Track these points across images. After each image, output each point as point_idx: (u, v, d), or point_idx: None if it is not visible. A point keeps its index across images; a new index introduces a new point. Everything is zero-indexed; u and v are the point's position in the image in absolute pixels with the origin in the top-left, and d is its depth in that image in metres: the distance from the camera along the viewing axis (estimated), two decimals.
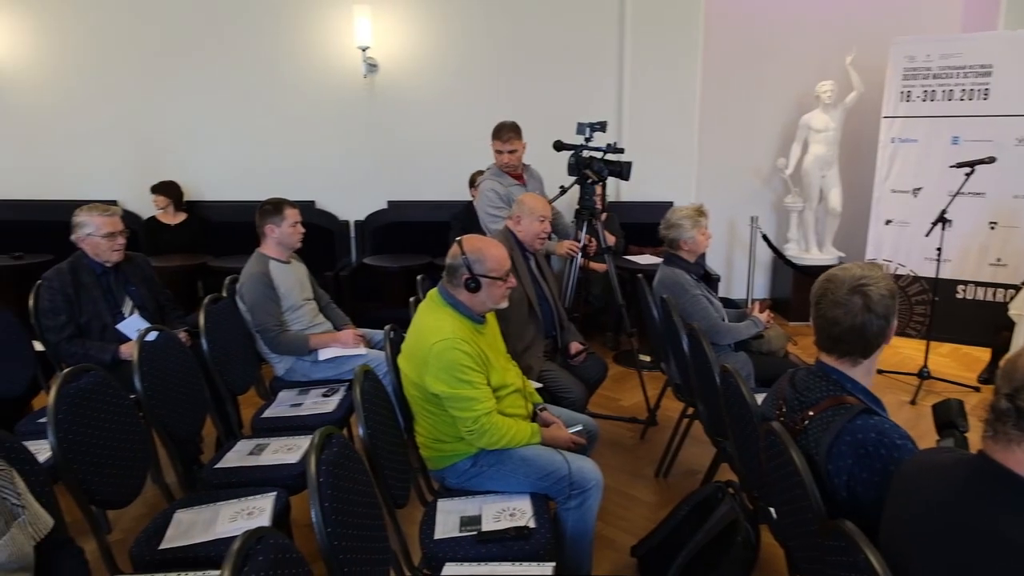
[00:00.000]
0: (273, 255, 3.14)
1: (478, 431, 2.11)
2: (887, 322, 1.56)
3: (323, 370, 3.11)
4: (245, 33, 5.21)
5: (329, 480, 1.48)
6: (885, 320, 1.56)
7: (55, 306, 2.86)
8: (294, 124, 5.36)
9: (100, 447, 1.94)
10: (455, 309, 2.21)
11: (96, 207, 2.97)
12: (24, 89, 5.26)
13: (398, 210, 5.47)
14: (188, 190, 5.25)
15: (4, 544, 1.28)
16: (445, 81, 5.33)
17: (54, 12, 5.15)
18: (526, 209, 3.07)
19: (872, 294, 1.54)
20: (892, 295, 1.56)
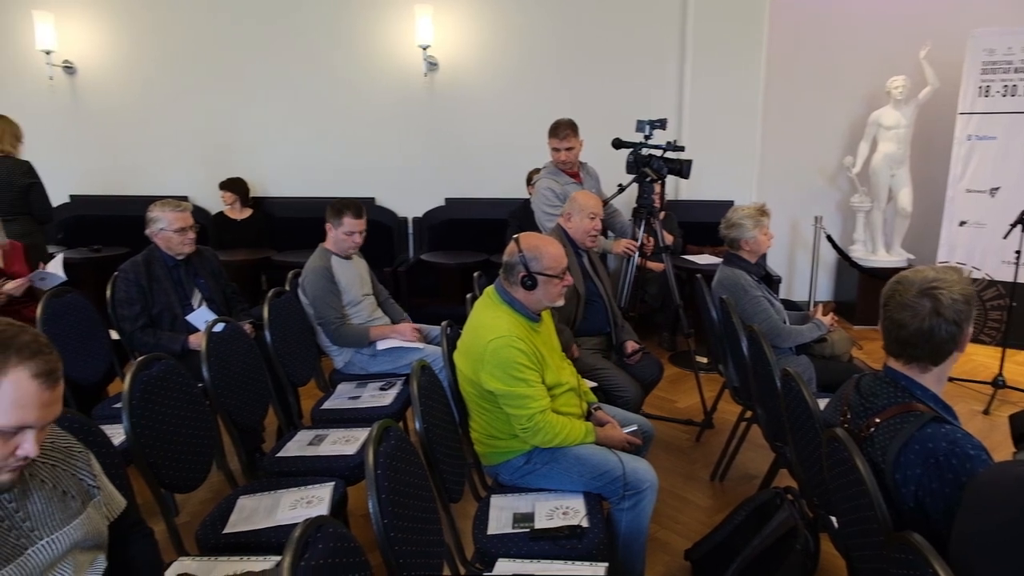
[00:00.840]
0: (335, 250, 3.21)
1: (532, 429, 2.11)
2: (959, 328, 1.49)
3: (381, 364, 3.17)
4: (310, 34, 5.33)
5: (386, 472, 1.51)
6: (956, 326, 1.48)
7: (130, 297, 2.98)
8: (356, 122, 5.46)
9: (170, 433, 2.02)
10: (511, 307, 2.22)
11: (168, 203, 3.09)
12: (105, 92, 5.52)
13: (455, 207, 5.52)
14: (254, 187, 5.41)
15: (80, 523, 1.34)
16: (503, 79, 5.35)
17: (133, 20, 5.39)
18: (577, 206, 3.06)
19: (943, 298, 1.47)
20: (967, 300, 1.49)
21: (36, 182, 4.01)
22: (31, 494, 1.28)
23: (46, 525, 1.28)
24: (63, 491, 1.34)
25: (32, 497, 1.28)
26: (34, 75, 5.40)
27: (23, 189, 3.93)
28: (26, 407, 1.16)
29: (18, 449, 1.18)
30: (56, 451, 1.37)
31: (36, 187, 4.00)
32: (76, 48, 5.42)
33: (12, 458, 1.18)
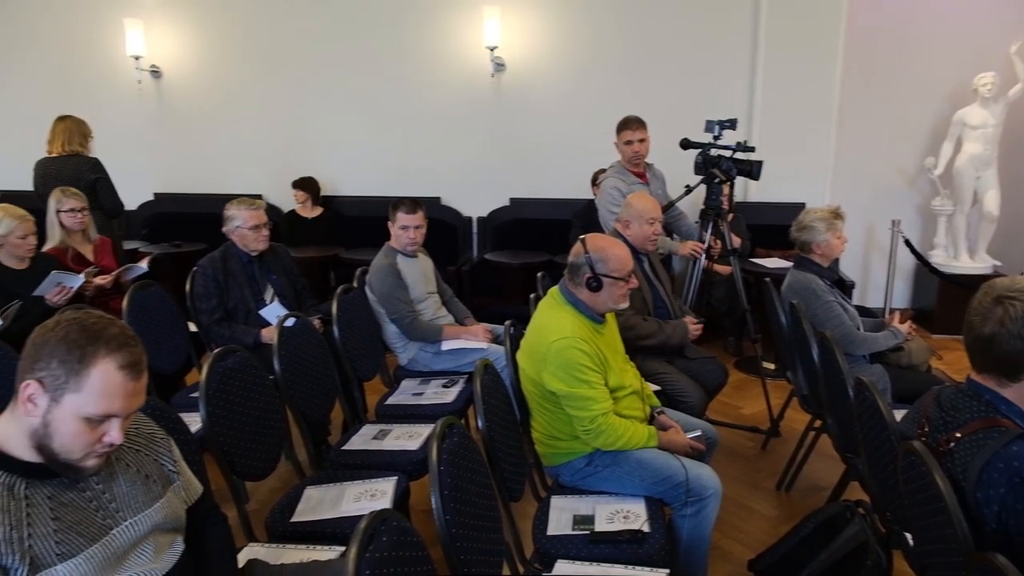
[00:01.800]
0: (399, 248, 3.27)
1: (594, 431, 2.10)
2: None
3: (444, 361, 3.21)
4: (380, 37, 5.44)
5: (449, 469, 1.53)
6: (1021, 340, 1.41)
7: (207, 291, 3.11)
8: (423, 123, 5.55)
9: (243, 422, 2.10)
10: (575, 308, 2.22)
11: (244, 201, 3.20)
12: (187, 95, 5.77)
13: (520, 207, 5.53)
14: (325, 186, 5.56)
15: (161, 506, 1.41)
16: (569, 80, 5.34)
17: (215, 27, 5.62)
18: (634, 213, 2.98)
19: (1011, 309, 1.40)
20: None
21: (103, 177, 4.17)
22: (117, 477, 1.35)
23: (130, 507, 1.35)
24: (146, 475, 1.40)
25: (118, 480, 1.35)
26: (124, 79, 5.70)
27: (91, 184, 4.07)
28: (113, 397, 1.22)
29: (105, 436, 1.24)
30: (140, 437, 1.44)
31: (102, 182, 4.16)
32: (162, 53, 5.69)
33: (99, 444, 1.24)
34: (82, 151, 4.19)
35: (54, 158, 4.17)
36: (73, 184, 3.94)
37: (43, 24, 5.82)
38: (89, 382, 1.20)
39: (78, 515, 1.26)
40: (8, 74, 5.94)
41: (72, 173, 4.07)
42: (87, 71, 5.81)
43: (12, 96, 5.99)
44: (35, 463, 1.23)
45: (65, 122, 4.20)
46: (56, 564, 1.20)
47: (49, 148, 4.20)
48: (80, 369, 1.19)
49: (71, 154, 4.15)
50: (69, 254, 3.37)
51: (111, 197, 4.20)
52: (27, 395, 1.20)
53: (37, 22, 5.82)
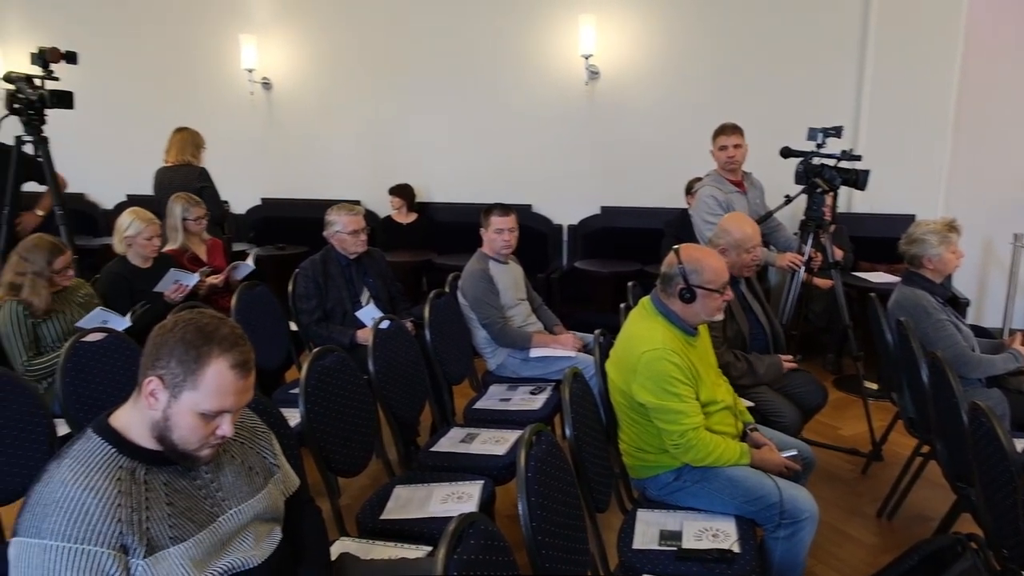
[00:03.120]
0: (492, 255, 3.32)
1: (684, 446, 2.06)
2: None
3: (532, 368, 3.22)
4: (476, 47, 5.54)
5: (536, 476, 1.54)
6: None
7: (308, 292, 3.25)
8: (516, 130, 5.60)
9: (338, 420, 2.18)
10: (667, 319, 2.18)
11: (344, 207, 3.33)
12: (295, 105, 6.07)
13: (611, 216, 5.50)
14: (420, 192, 5.71)
15: (262, 497, 1.48)
16: (664, 87, 5.27)
17: (318, 39, 5.89)
18: (732, 241, 2.76)
19: None
20: None
21: (208, 186, 4.41)
22: (224, 468, 1.43)
23: (235, 496, 1.42)
24: (249, 467, 1.48)
25: (224, 471, 1.43)
26: (238, 91, 6.05)
27: (197, 193, 4.24)
28: (225, 394, 1.29)
29: (217, 430, 1.32)
30: (244, 430, 1.52)
31: (208, 190, 4.38)
32: (273, 67, 6.01)
33: (212, 437, 1.32)
34: (193, 161, 4.48)
35: (168, 167, 4.48)
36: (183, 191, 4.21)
37: (167, 39, 6.26)
38: (204, 380, 1.27)
39: (189, 502, 1.34)
40: (134, 86, 6.42)
41: (182, 182, 4.35)
42: (205, 83, 6.22)
43: (138, 107, 6.47)
44: (154, 451, 1.31)
45: (181, 133, 4.50)
46: (169, 547, 1.28)
47: (166, 157, 4.51)
48: (196, 368, 1.27)
49: (183, 163, 4.44)
50: (186, 255, 3.61)
51: (216, 204, 4.46)
52: (149, 390, 1.28)
53: (161, 38, 6.27)
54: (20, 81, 3.57)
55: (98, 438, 1.30)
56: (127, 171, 6.63)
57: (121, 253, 3.31)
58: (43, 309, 2.81)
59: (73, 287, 3.01)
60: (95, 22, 6.37)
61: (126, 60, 6.32)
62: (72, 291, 2.99)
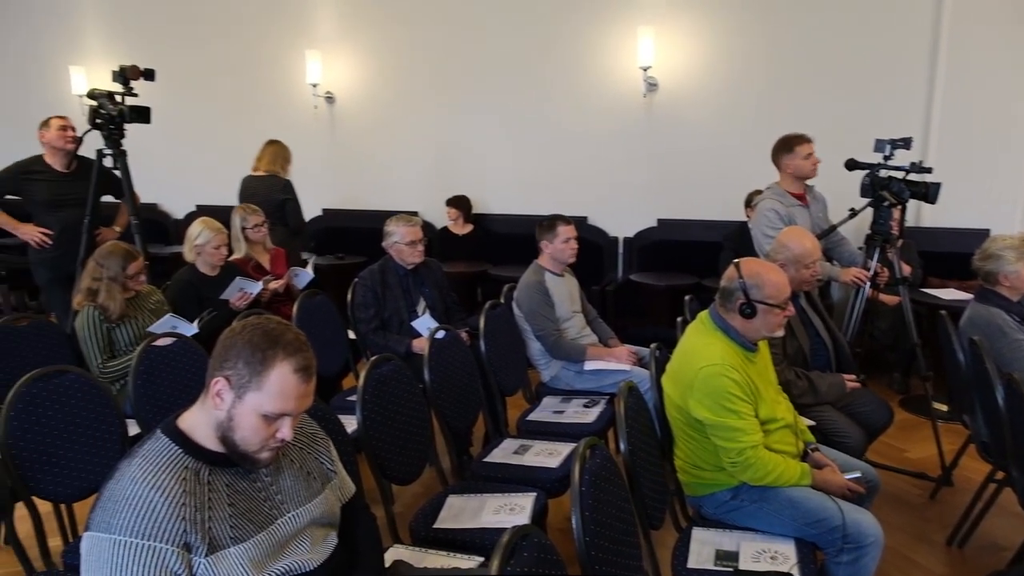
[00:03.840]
0: (548, 267, 3.32)
1: (742, 464, 2.01)
2: None
3: (586, 381, 3.21)
4: (533, 59, 5.58)
5: (590, 490, 1.53)
6: None
7: (366, 301, 3.31)
8: (573, 142, 5.61)
9: (394, 427, 2.21)
10: (726, 334, 2.14)
11: (402, 218, 3.39)
12: (356, 119, 6.23)
13: (667, 228, 5.44)
14: (476, 204, 5.76)
15: (319, 501, 1.51)
16: (724, 99, 5.20)
17: (380, 54, 6.02)
18: (791, 257, 2.66)
19: None
20: None
21: (291, 198, 4.60)
22: (283, 472, 1.46)
23: (293, 500, 1.45)
24: (307, 472, 1.51)
25: (284, 474, 1.46)
26: (302, 104, 6.24)
27: (280, 204, 4.52)
28: (287, 397, 1.33)
29: (278, 432, 1.35)
30: (303, 436, 1.56)
31: (291, 202, 4.59)
32: (336, 81, 6.18)
33: (273, 440, 1.35)
34: (280, 173, 4.67)
35: (255, 176, 4.68)
36: (265, 201, 4.39)
37: (236, 56, 6.51)
38: (268, 382, 1.31)
39: (250, 503, 1.38)
40: (204, 101, 6.69)
41: (266, 191, 4.54)
42: (271, 98, 6.43)
43: (207, 121, 6.74)
44: (217, 452, 1.36)
45: (272, 146, 4.70)
46: (230, 547, 1.31)
47: (255, 166, 4.71)
48: (261, 370, 1.31)
49: (270, 174, 4.63)
50: (250, 264, 3.72)
51: (296, 217, 4.64)
52: (216, 390, 1.33)
53: (231, 54, 6.52)
54: (102, 97, 3.77)
55: (166, 439, 1.35)
56: (197, 183, 6.91)
57: (191, 261, 3.45)
58: (117, 314, 2.94)
59: (145, 293, 3.14)
60: (169, 41, 6.68)
61: (196, 76, 6.60)
62: (144, 297, 3.13)
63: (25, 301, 6.48)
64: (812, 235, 2.84)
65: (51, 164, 3.98)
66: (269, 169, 4.64)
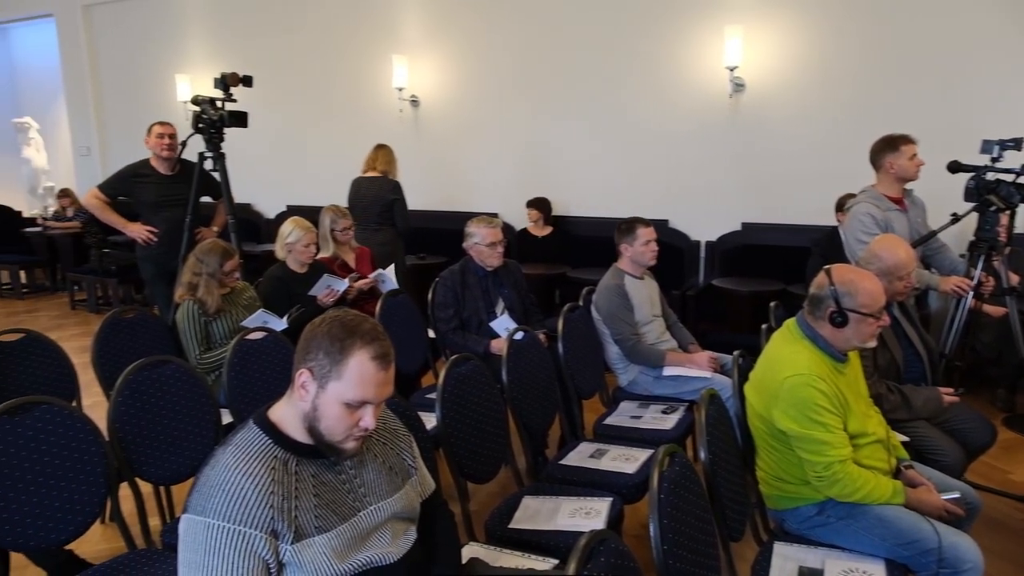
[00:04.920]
0: (628, 270, 3.29)
1: (829, 479, 1.93)
2: None
3: (665, 386, 3.16)
4: (617, 59, 5.53)
5: (669, 497, 1.50)
6: None
7: (446, 301, 3.37)
8: (655, 144, 5.53)
9: (472, 426, 2.24)
10: (814, 343, 2.06)
11: (483, 219, 3.43)
12: (439, 121, 6.35)
13: (752, 232, 5.28)
14: (556, 206, 5.77)
15: (400, 496, 1.55)
16: (814, 98, 5.00)
17: (464, 58, 6.13)
18: (884, 268, 2.49)
19: None
20: None
21: (399, 198, 4.79)
22: (366, 465, 1.50)
23: (375, 493, 1.49)
24: (390, 467, 1.55)
25: (367, 467, 1.50)
26: (388, 107, 6.42)
27: (389, 203, 4.73)
28: (366, 384, 1.36)
29: (360, 421, 1.39)
30: (387, 431, 1.60)
31: (399, 202, 4.78)
32: (421, 85, 6.32)
33: (356, 429, 1.39)
34: (389, 174, 4.86)
35: (367, 177, 4.88)
36: (376, 201, 4.59)
37: (325, 62, 6.76)
38: (348, 370, 1.35)
39: (334, 495, 1.43)
40: (294, 106, 6.98)
41: (376, 191, 4.75)
42: (358, 102, 6.65)
43: (296, 125, 7.02)
44: (305, 443, 1.41)
45: (382, 149, 4.92)
46: (314, 536, 1.36)
47: (365, 168, 4.92)
48: (341, 359, 1.35)
49: (382, 175, 4.83)
50: (337, 262, 3.85)
51: (403, 217, 4.82)
52: (300, 382, 1.38)
53: (320, 60, 6.79)
54: (205, 103, 3.99)
55: (257, 429, 1.41)
56: (287, 183, 7.21)
57: (282, 259, 3.59)
58: (214, 308, 3.09)
59: (239, 289, 3.30)
60: (264, 49, 7.01)
61: (287, 81, 6.90)
62: (238, 293, 3.28)
63: (132, 294, 6.93)
64: (907, 244, 2.69)
65: (156, 167, 4.24)
66: (382, 170, 4.84)
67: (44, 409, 1.93)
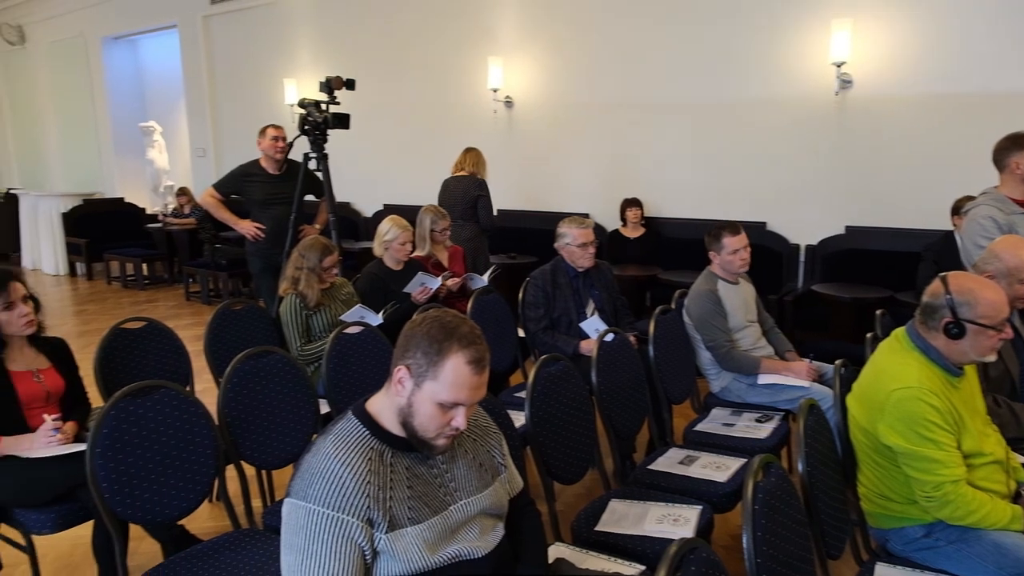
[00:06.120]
0: (721, 275, 3.20)
1: (939, 500, 1.82)
2: None
3: (759, 395, 3.05)
4: (714, 57, 5.39)
5: (764, 509, 1.45)
6: None
7: (536, 301, 3.38)
8: (753, 144, 5.36)
9: (560, 427, 2.24)
10: (925, 355, 1.94)
11: (575, 220, 3.42)
12: (532, 122, 6.39)
13: (857, 236, 5.03)
14: (648, 207, 5.68)
15: (490, 493, 1.57)
16: (929, 95, 4.70)
17: (558, 60, 6.15)
18: (1003, 269, 2.36)
19: None
20: None
21: (484, 195, 4.93)
22: (457, 460, 1.53)
23: (465, 489, 1.52)
24: (480, 463, 1.58)
25: (458, 463, 1.53)
26: (483, 108, 6.52)
27: (473, 200, 4.86)
28: (460, 387, 1.39)
29: (452, 421, 1.42)
30: (478, 428, 1.63)
31: (483, 200, 4.92)
32: (515, 86, 6.38)
33: (447, 428, 1.42)
34: (477, 174, 5.02)
35: (456, 177, 5.06)
36: (462, 198, 4.72)
37: (423, 65, 6.93)
38: (443, 372, 1.38)
39: (426, 488, 1.46)
40: (391, 108, 7.18)
41: (463, 190, 4.91)
42: (454, 104, 6.78)
43: (394, 124, 7.23)
44: (400, 436, 1.45)
45: (472, 152, 5.12)
46: (407, 526, 1.40)
47: (454, 170, 5.11)
48: (437, 361, 1.38)
49: (470, 175, 5.00)
50: (431, 261, 3.94)
51: (488, 214, 4.96)
52: (398, 378, 1.43)
53: (418, 64, 6.95)
54: (310, 106, 4.18)
55: (356, 420, 1.47)
56: (384, 183, 7.44)
57: (379, 256, 3.71)
58: (314, 302, 3.23)
59: (338, 285, 3.43)
60: (362, 52, 7.27)
61: (385, 84, 7.12)
62: (337, 288, 3.41)
63: (240, 287, 7.33)
64: None
65: (265, 167, 4.47)
66: (470, 171, 5.00)
67: (163, 392, 2.07)
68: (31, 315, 2.35)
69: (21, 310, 2.31)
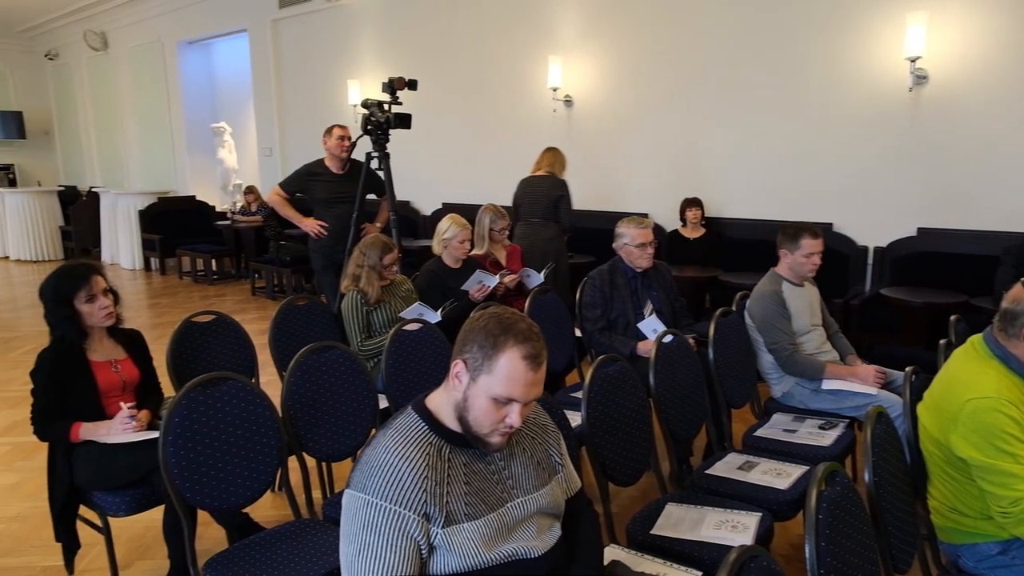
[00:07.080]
0: (787, 276, 3.12)
1: (1016, 516, 1.73)
2: None
3: (823, 401, 2.97)
4: (780, 53, 5.25)
5: (827, 519, 1.41)
6: None
7: (594, 301, 3.36)
8: (819, 143, 5.20)
9: (617, 428, 2.23)
10: (1004, 363, 1.85)
11: (633, 220, 3.38)
12: (589, 119, 6.35)
13: (929, 238, 4.83)
14: (709, 207, 5.58)
15: (546, 491, 1.57)
16: (1009, 92, 4.46)
17: (617, 57, 6.08)
18: None
19: None
20: None
21: (564, 195, 4.96)
22: (515, 458, 1.54)
23: (522, 486, 1.53)
24: (537, 461, 1.58)
25: (515, 460, 1.54)
26: (542, 108, 6.52)
27: (555, 200, 4.90)
28: (515, 383, 1.39)
29: (506, 418, 1.42)
30: (535, 426, 1.63)
31: (564, 200, 4.95)
32: (575, 85, 6.35)
33: (502, 424, 1.43)
34: (557, 174, 5.06)
35: (535, 176, 5.10)
36: (544, 198, 4.80)
37: (484, 64, 6.97)
38: (498, 366, 1.39)
39: (483, 484, 1.47)
40: (452, 107, 7.24)
41: (544, 190, 4.96)
42: (513, 103, 6.80)
43: (454, 124, 7.29)
44: (458, 432, 1.47)
45: (551, 152, 5.17)
46: (464, 522, 1.41)
47: (534, 169, 5.16)
48: (493, 355, 1.39)
49: (550, 174, 5.04)
50: (488, 259, 3.97)
51: (568, 214, 4.99)
52: (455, 372, 1.44)
53: (479, 64, 7.01)
54: (373, 106, 4.27)
55: (415, 415, 1.49)
56: (443, 182, 7.52)
57: (438, 254, 3.76)
58: (374, 299, 3.29)
59: (398, 282, 3.48)
60: (423, 53, 7.36)
61: (445, 84, 7.19)
62: (397, 285, 3.47)
63: (303, 283, 7.53)
64: None
65: (329, 167, 4.58)
66: (549, 170, 5.03)
67: (231, 384, 2.14)
68: (111, 307, 2.47)
69: (102, 302, 2.43)
